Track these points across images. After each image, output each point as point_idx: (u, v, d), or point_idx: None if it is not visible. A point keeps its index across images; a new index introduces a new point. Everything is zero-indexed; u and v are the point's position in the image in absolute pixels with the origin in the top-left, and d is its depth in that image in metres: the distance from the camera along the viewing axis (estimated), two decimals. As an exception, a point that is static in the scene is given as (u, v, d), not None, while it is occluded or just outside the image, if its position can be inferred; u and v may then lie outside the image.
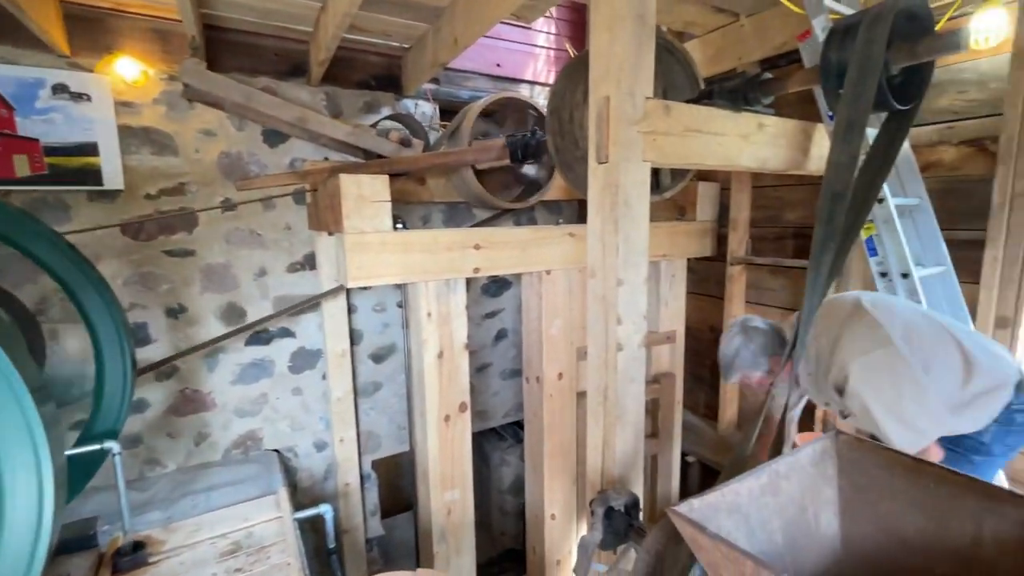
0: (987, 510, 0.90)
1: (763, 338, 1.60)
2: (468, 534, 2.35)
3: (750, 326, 1.64)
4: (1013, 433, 1.42)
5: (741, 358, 1.62)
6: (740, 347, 1.62)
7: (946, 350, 1.40)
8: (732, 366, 1.64)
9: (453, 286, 2.14)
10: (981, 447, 1.44)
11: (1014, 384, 1.40)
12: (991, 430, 1.41)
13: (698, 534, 0.77)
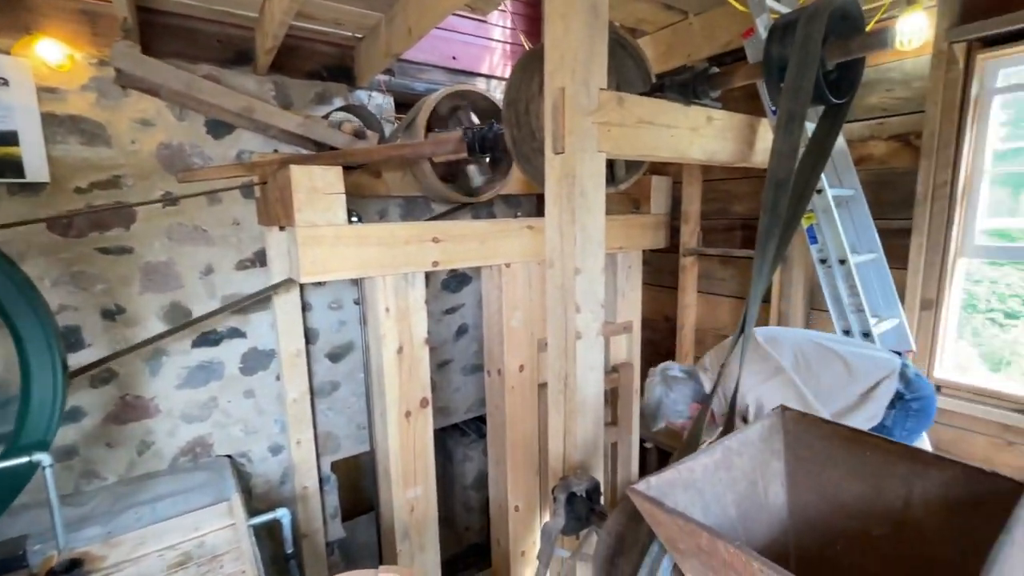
0: (915, 474, 0.98)
1: (684, 387, 1.69)
2: (432, 531, 2.33)
3: (670, 375, 1.73)
4: (911, 418, 1.58)
5: (665, 408, 1.70)
6: (662, 396, 1.70)
7: (830, 365, 1.58)
8: (657, 416, 1.73)
9: (411, 280, 2.11)
10: (884, 432, 1.57)
11: (898, 375, 1.56)
12: (891, 416, 1.57)
13: (656, 510, 0.80)
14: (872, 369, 1.57)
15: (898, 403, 1.54)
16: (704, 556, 0.77)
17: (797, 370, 1.56)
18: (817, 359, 1.59)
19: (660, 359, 3.36)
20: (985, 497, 0.89)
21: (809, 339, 1.69)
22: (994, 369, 3.16)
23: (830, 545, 1.04)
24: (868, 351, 1.67)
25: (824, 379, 1.56)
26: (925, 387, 1.61)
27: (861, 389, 1.54)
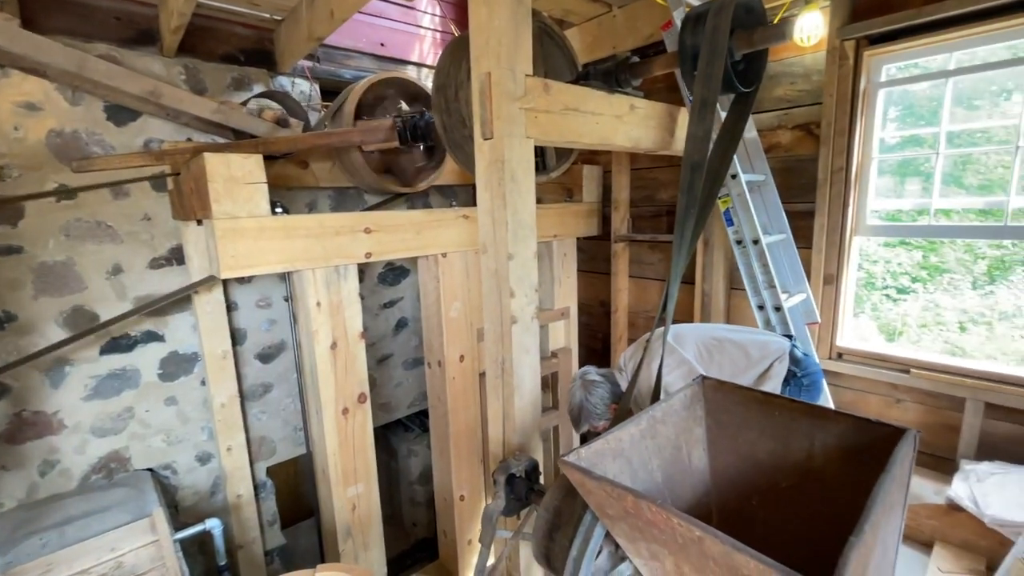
0: (816, 428, 1.08)
1: (601, 389, 1.77)
2: (376, 527, 2.29)
3: (588, 380, 1.80)
4: (803, 392, 1.73)
5: (587, 412, 1.77)
6: (583, 401, 1.77)
7: (729, 353, 1.72)
8: (579, 420, 1.80)
9: (344, 273, 2.05)
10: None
11: (788, 356, 1.73)
12: (786, 393, 1.71)
13: (585, 478, 0.83)
14: (766, 352, 1.72)
15: (791, 380, 1.70)
16: (631, 518, 0.81)
17: (700, 361, 1.69)
18: (718, 349, 1.73)
19: (596, 343, 3.48)
20: (872, 443, 0.99)
21: (709, 333, 1.82)
22: (889, 339, 3.52)
23: (747, 500, 1.12)
24: (762, 337, 1.82)
25: (725, 366, 1.68)
26: (812, 364, 1.78)
27: (758, 371, 1.68)
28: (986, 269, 4.09)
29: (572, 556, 0.97)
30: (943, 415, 2.15)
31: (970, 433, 2.05)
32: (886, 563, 0.85)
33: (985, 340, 3.84)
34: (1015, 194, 1.93)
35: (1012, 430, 2.00)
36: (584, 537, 0.97)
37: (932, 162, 2.08)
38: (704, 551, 0.71)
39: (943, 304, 4.05)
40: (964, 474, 1.96)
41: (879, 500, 0.75)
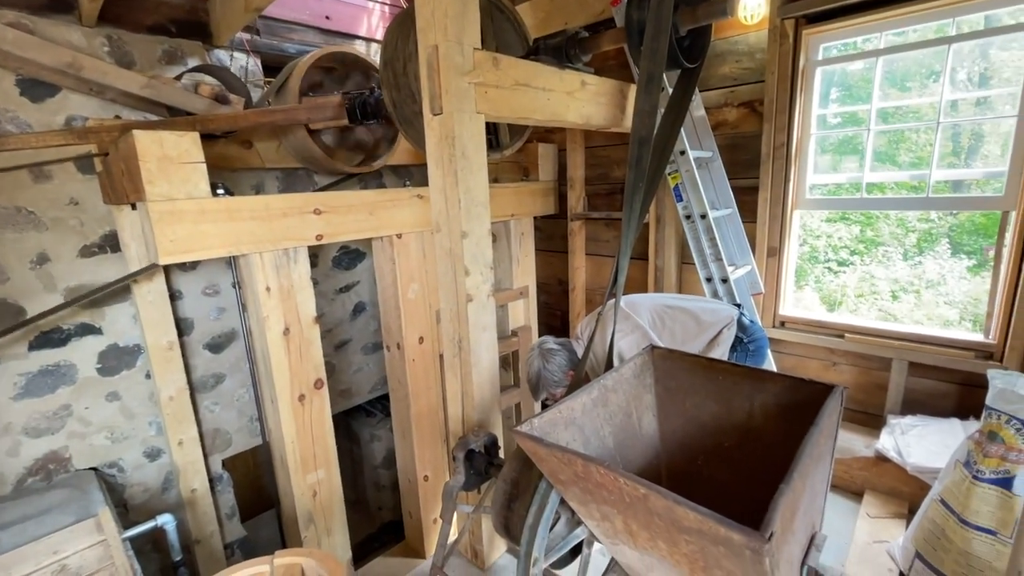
0: (756, 389, 1.14)
1: (559, 357, 1.82)
2: (338, 512, 2.28)
3: (546, 348, 1.84)
4: (749, 357, 1.83)
5: (544, 379, 1.81)
6: (540, 369, 1.81)
7: (681, 320, 1.80)
8: (538, 388, 1.84)
9: (293, 256, 1.98)
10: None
11: (736, 323, 1.81)
12: (733, 358, 1.80)
13: (537, 446, 0.85)
14: (716, 320, 1.80)
15: (738, 346, 1.79)
16: (581, 482, 0.84)
17: (654, 328, 1.75)
18: (670, 317, 1.79)
19: (555, 321, 3.54)
20: (805, 400, 1.06)
21: (662, 301, 1.89)
22: (830, 309, 3.73)
23: (694, 461, 1.19)
24: (711, 305, 1.91)
25: (677, 332, 1.76)
26: (758, 331, 1.88)
27: (708, 337, 1.76)
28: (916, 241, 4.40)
29: (528, 523, 1.00)
30: (873, 375, 2.31)
31: (896, 391, 2.22)
32: (815, 508, 0.92)
33: (914, 307, 4.14)
34: (935, 167, 2.06)
35: (932, 386, 2.18)
36: (539, 504, 1.00)
37: (864, 139, 2.20)
38: (649, 507, 0.75)
39: (878, 275, 4.33)
40: (890, 428, 2.13)
41: (807, 451, 0.81)
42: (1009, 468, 1.41)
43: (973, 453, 1.51)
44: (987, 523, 1.45)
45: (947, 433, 1.96)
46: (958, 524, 1.50)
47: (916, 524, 1.70)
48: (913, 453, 1.94)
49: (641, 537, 0.84)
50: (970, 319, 3.79)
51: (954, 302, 3.98)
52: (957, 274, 4.05)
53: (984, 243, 4.11)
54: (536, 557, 1.00)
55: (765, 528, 0.61)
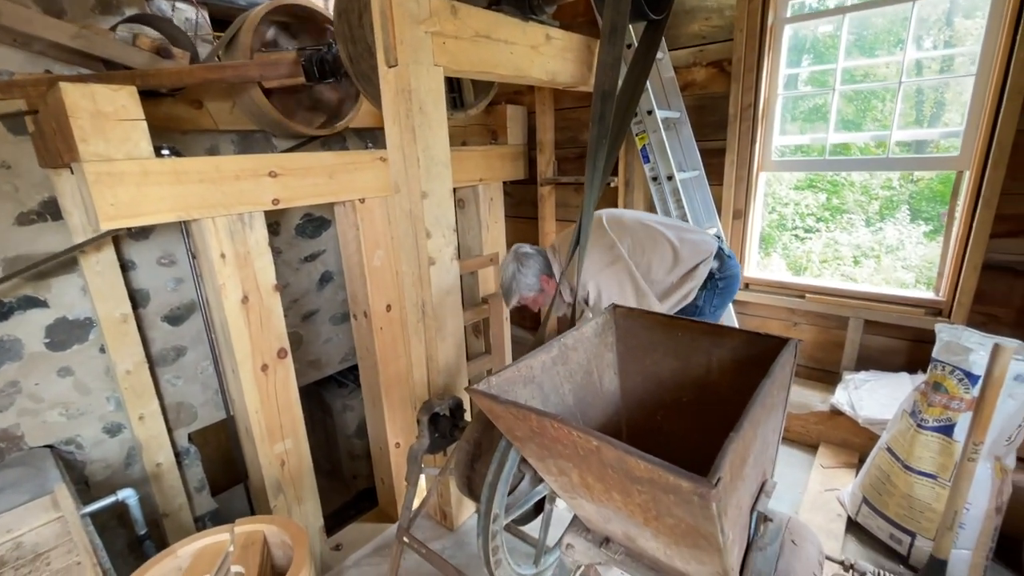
0: (714, 345, 1.15)
1: (533, 262, 1.80)
2: (308, 480, 2.27)
3: (521, 252, 1.82)
4: (717, 295, 1.84)
5: (517, 282, 1.79)
6: (515, 272, 1.79)
7: (661, 250, 1.77)
8: (511, 290, 1.82)
9: (249, 221, 1.90)
10: (696, 310, 1.85)
11: (714, 256, 1.81)
12: (702, 296, 1.82)
13: (493, 404, 0.84)
14: (695, 254, 1.79)
15: (708, 283, 1.80)
16: (537, 438, 0.84)
17: (633, 255, 1.73)
18: (651, 244, 1.77)
19: (529, 288, 3.54)
20: (761, 354, 1.08)
21: (644, 222, 1.85)
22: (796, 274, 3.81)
23: (653, 416, 1.20)
24: (695, 236, 1.87)
25: (654, 264, 1.75)
26: (734, 266, 1.88)
27: (683, 271, 1.76)
28: (878, 208, 4.53)
29: (488, 480, 1.00)
30: (831, 334, 2.39)
31: (851, 348, 2.30)
32: (767, 457, 0.95)
33: (874, 272, 4.30)
34: (896, 128, 2.09)
35: (885, 343, 2.26)
36: (499, 461, 1.00)
37: (830, 100, 2.20)
38: (602, 459, 0.75)
39: (841, 241, 4.46)
40: (845, 383, 2.22)
41: (759, 401, 0.82)
42: (951, 416, 1.49)
43: (918, 403, 1.59)
44: (929, 468, 1.54)
45: (896, 387, 2.06)
46: (902, 470, 1.59)
47: (864, 472, 1.79)
48: (865, 406, 2.03)
49: (597, 489, 0.85)
50: (924, 282, 3.96)
51: (911, 266, 4.14)
52: (915, 239, 4.21)
53: (941, 209, 4.26)
54: (496, 513, 1.01)
55: (713, 475, 0.62)
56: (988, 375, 1.23)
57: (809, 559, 0.83)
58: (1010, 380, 1.35)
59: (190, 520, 2.74)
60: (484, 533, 0.99)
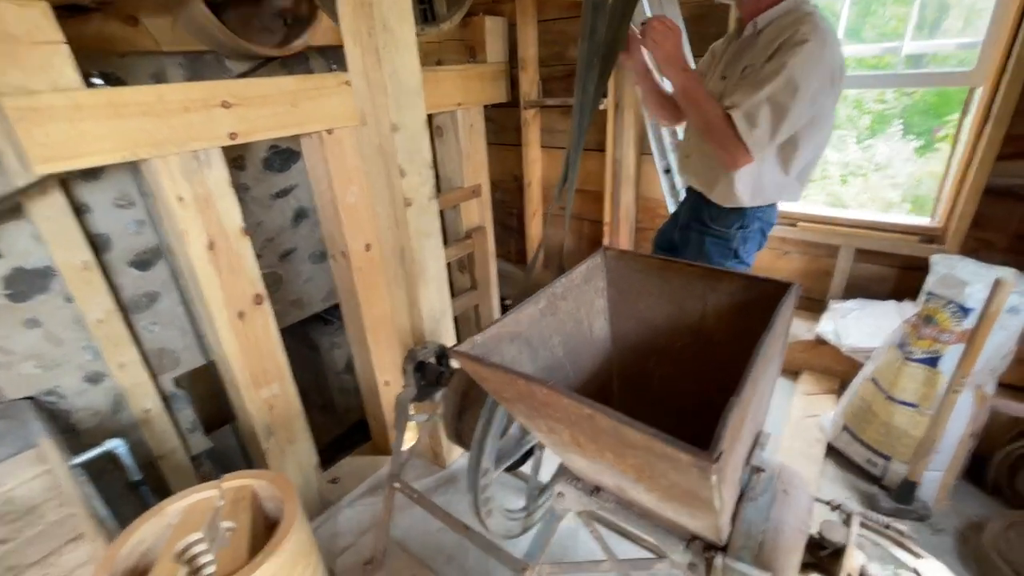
0: (710, 289, 1.10)
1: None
2: (298, 422, 2.27)
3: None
4: (751, 239, 1.68)
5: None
6: None
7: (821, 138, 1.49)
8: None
9: (206, 159, 1.73)
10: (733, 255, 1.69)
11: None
12: (737, 236, 1.65)
13: (477, 367, 0.78)
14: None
15: (750, 222, 1.62)
16: (526, 400, 0.80)
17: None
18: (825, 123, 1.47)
19: (511, 220, 3.42)
20: (757, 298, 1.03)
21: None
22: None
23: (645, 362, 1.17)
24: None
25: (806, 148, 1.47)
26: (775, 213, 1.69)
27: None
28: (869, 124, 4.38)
29: (476, 437, 0.97)
30: (821, 262, 2.36)
31: (840, 277, 2.28)
32: (762, 410, 0.93)
33: (861, 191, 4.24)
34: (909, 39, 1.92)
35: (874, 271, 2.24)
36: (487, 419, 0.97)
37: (839, 8, 2.00)
38: (595, 425, 0.71)
39: (831, 159, 4.36)
40: (831, 312, 2.22)
41: (759, 357, 0.77)
42: (939, 348, 1.49)
43: (908, 336, 1.59)
44: (911, 398, 1.57)
45: (882, 315, 2.06)
46: (885, 400, 1.62)
47: (846, 400, 1.83)
48: (850, 335, 2.05)
49: (589, 448, 0.82)
50: (910, 201, 3.91)
51: (898, 184, 4.08)
52: (904, 156, 4.12)
53: (934, 124, 4.13)
54: (486, 468, 1.00)
55: (714, 448, 0.58)
56: (986, 310, 1.21)
57: (800, 507, 0.82)
58: (1003, 312, 1.34)
59: (186, 460, 2.79)
60: (474, 489, 0.98)
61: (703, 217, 1.66)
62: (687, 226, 1.74)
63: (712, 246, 1.67)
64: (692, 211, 1.72)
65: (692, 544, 0.88)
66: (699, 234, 1.68)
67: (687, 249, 1.75)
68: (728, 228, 1.63)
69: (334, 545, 1.63)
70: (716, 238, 1.66)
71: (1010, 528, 1.43)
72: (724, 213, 1.61)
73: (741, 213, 1.59)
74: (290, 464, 2.27)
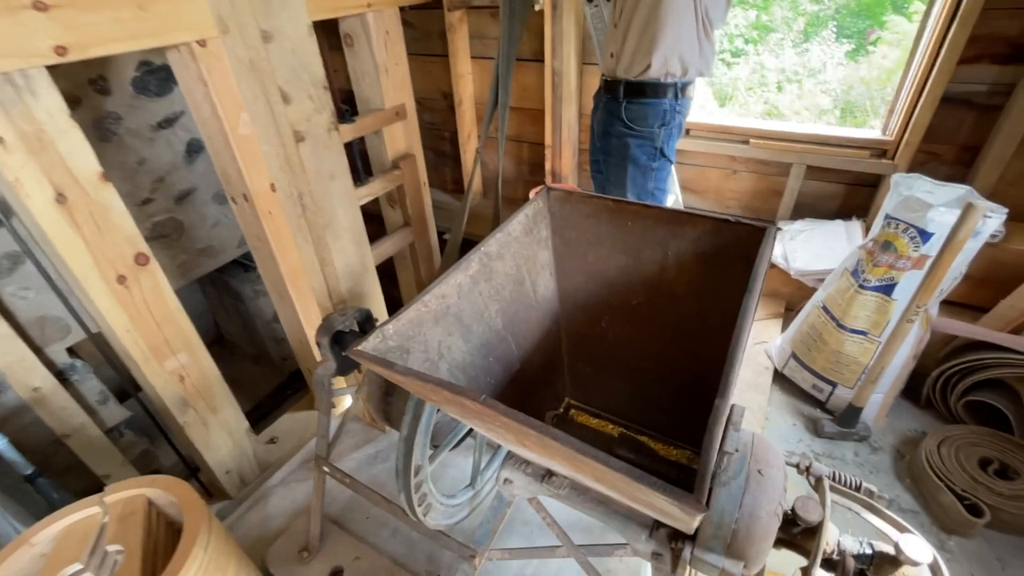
0: (671, 234, 0.93)
1: None
2: (219, 389, 2.03)
3: None
4: (673, 136, 1.68)
5: None
6: None
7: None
8: None
9: (27, 84, 1.31)
10: (656, 153, 1.68)
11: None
12: (660, 135, 1.63)
13: (390, 372, 0.59)
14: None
15: (667, 117, 1.62)
16: (455, 406, 0.62)
17: None
18: None
19: (445, 143, 3.07)
20: (729, 245, 0.87)
21: None
22: (721, 104, 3.57)
23: (597, 322, 1.02)
24: None
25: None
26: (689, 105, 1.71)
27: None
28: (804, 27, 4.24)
29: (403, 435, 0.80)
30: (771, 181, 2.26)
31: (790, 196, 2.20)
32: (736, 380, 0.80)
33: (796, 98, 4.18)
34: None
35: (823, 188, 2.17)
36: (414, 414, 0.80)
37: None
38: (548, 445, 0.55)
39: (768, 65, 4.23)
40: (780, 234, 2.16)
41: (743, 330, 0.62)
42: (894, 276, 1.44)
43: (863, 262, 1.53)
44: (862, 326, 1.54)
45: (830, 235, 2.02)
46: (836, 328, 1.59)
47: (795, 328, 1.81)
48: (798, 258, 2.00)
49: (537, 452, 0.67)
50: (841, 108, 3.90)
51: (830, 90, 4.05)
52: (836, 60, 4.06)
53: (864, 25, 4.04)
54: (418, 465, 0.85)
55: (700, 490, 0.43)
56: (954, 235, 1.13)
57: (775, 487, 0.73)
58: (958, 235, 1.28)
59: (100, 435, 2.51)
60: (406, 489, 0.83)
61: (623, 119, 1.63)
62: (606, 133, 1.71)
63: (638, 149, 1.65)
64: (608, 116, 1.68)
65: (656, 532, 0.78)
66: (622, 139, 1.65)
67: (611, 158, 1.72)
68: (651, 127, 1.61)
69: (266, 530, 1.49)
70: (641, 139, 1.64)
71: (942, 443, 1.50)
72: (644, 111, 1.60)
73: (661, 109, 1.58)
74: (217, 435, 2.06)
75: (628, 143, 1.64)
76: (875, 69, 3.88)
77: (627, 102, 1.61)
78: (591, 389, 1.04)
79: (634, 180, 1.68)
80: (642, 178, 1.68)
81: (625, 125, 1.64)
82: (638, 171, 1.67)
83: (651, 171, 1.69)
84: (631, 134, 1.64)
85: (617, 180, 1.72)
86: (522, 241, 0.93)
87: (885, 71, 3.79)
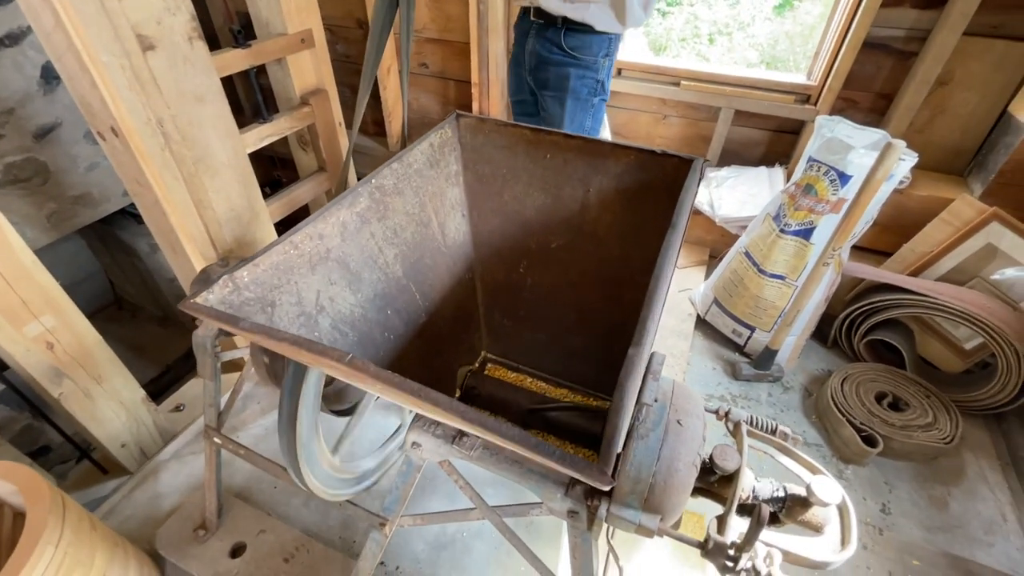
0: (593, 169, 0.84)
1: None
2: (101, 354, 1.79)
3: None
4: (611, 69, 1.62)
5: None
6: None
7: None
8: None
9: None
10: (599, 86, 1.60)
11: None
12: (604, 66, 1.56)
13: (234, 329, 0.46)
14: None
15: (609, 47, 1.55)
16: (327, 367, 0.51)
17: None
18: None
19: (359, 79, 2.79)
20: (653, 181, 0.80)
21: None
22: (656, 54, 3.50)
23: (514, 268, 0.93)
24: None
25: None
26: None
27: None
28: (735, -25, 4.23)
29: (284, 411, 0.69)
30: (699, 127, 2.23)
31: (718, 142, 2.19)
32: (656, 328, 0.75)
33: (726, 51, 4.20)
34: None
35: (748, 134, 2.17)
36: (293, 383, 0.68)
37: None
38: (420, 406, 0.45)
39: (702, 16, 4.21)
40: (706, 181, 2.15)
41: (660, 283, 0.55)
42: (813, 219, 1.46)
43: (785, 207, 1.53)
44: (781, 271, 1.57)
45: (755, 182, 2.03)
46: (756, 273, 1.61)
47: (718, 274, 1.82)
48: (724, 205, 2.00)
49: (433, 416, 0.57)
50: (767, 62, 3.98)
51: (757, 44, 4.10)
52: (764, 15, 4.11)
53: None
54: (306, 439, 0.73)
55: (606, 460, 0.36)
56: (871, 175, 1.13)
57: (694, 437, 0.69)
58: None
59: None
60: (293, 466, 0.73)
61: (563, 46, 1.52)
62: (542, 63, 1.59)
63: (578, 80, 1.56)
64: (545, 43, 1.57)
65: (572, 490, 0.73)
66: (563, 68, 1.55)
67: (547, 91, 1.62)
68: (596, 56, 1.52)
69: (156, 510, 1.34)
70: (584, 69, 1.54)
71: (844, 381, 1.59)
72: (588, 39, 1.50)
73: (607, 39, 1.50)
74: (106, 407, 1.83)
75: (568, 73, 1.52)
76: (799, 25, 3.96)
77: (567, 29, 1.47)
78: (509, 341, 0.97)
79: (572, 116, 1.57)
80: (582, 113, 1.58)
81: (566, 54, 1.51)
82: (578, 105, 1.56)
83: (591, 106, 1.59)
84: (572, 63, 1.51)
85: (553, 116, 1.60)
86: (426, 175, 0.81)
87: (808, 27, 3.88)
